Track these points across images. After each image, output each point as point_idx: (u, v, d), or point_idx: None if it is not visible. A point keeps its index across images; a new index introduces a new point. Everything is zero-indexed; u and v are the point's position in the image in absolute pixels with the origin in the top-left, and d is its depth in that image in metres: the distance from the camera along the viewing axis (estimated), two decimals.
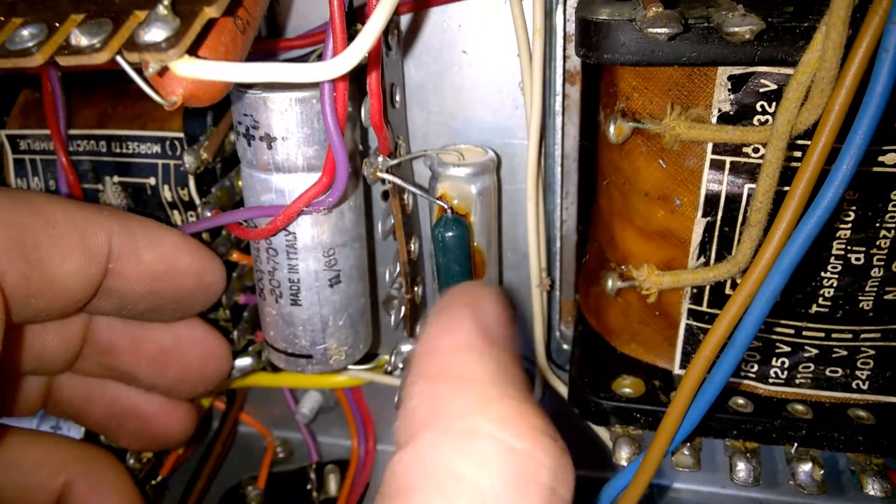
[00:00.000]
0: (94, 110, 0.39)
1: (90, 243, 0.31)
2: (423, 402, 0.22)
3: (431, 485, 0.20)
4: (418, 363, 0.23)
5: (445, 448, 0.20)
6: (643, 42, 0.28)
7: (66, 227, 0.30)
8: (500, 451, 0.20)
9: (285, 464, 0.54)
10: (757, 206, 0.29)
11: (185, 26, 0.21)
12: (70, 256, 0.30)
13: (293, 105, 0.31)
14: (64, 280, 0.30)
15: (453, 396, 0.21)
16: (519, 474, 0.20)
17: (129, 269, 0.32)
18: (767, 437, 0.35)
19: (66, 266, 0.30)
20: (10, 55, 0.23)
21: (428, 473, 0.20)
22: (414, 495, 0.20)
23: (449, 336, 0.24)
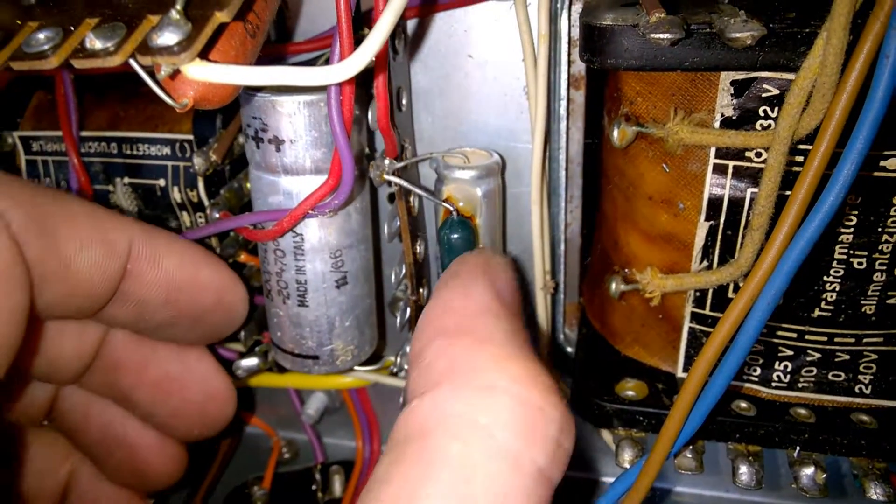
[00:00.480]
0: (106, 113, 0.39)
1: (109, 239, 0.30)
2: (440, 358, 0.23)
3: (449, 430, 0.21)
4: (434, 321, 0.25)
5: (463, 399, 0.22)
6: (646, 47, 0.28)
7: (86, 220, 0.30)
8: (513, 405, 0.21)
9: (291, 464, 0.54)
10: (759, 210, 0.29)
11: (196, 30, 0.22)
12: (88, 247, 0.30)
13: (301, 108, 0.31)
14: (80, 270, 0.29)
15: (471, 354, 0.23)
16: (529, 426, 0.21)
17: (148, 274, 0.32)
18: (770, 441, 0.35)
19: (83, 256, 0.29)
20: (26, 57, 0.23)
21: (446, 420, 0.21)
22: (431, 438, 0.21)
23: (465, 298, 0.25)
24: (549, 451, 0.22)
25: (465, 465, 0.21)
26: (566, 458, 0.23)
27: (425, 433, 0.22)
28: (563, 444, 0.22)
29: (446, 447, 0.21)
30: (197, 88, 0.24)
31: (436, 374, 0.23)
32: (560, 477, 0.22)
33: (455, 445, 0.21)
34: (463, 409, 0.22)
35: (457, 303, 0.25)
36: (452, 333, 0.24)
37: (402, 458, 0.21)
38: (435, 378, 0.23)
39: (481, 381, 0.22)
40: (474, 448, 0.21)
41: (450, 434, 0.21)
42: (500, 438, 0.21)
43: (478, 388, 0.22)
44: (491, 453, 0.21)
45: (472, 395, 0.22)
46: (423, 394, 0.23)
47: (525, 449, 0.21)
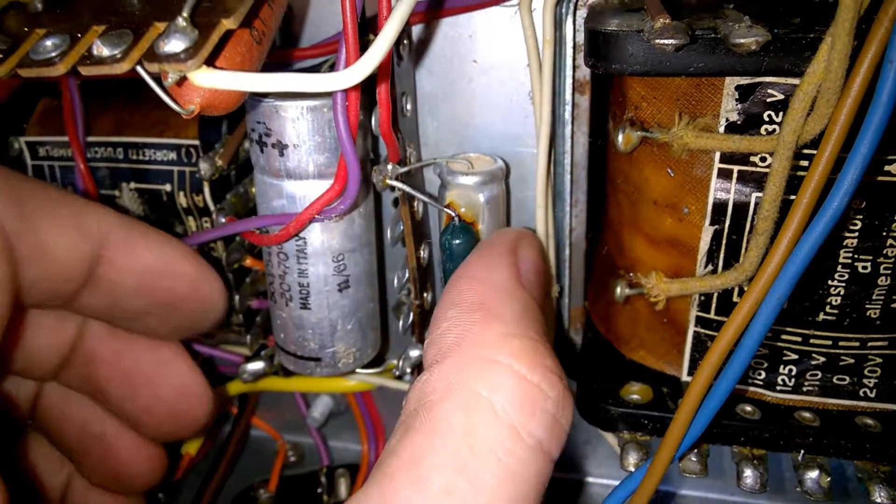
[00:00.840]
0: (112, 118, 0.40)
1: (84, 223, 0.31)
2: (452, 329, 0.25)
3: (453, 400, 0.23)
4: (456, 290, 0.26)
5: (467, 372, 0.23)
6: (651, 53, 0.28)
7: (62, 205, 0.30)
8: (513, 379, 0.23)
9: (296, 467, 0.54)
10: (764, 215, 0.29)
11: (203, 38, 0.22)
12: (65, 231, 0.30)
13: (305, 113, 0.31)
14: (56, 253, 0.29)
15: (480, 329, 0.24)
16: (528, 400, 0.23)
17: (122, 260, 0.32)
18: (775, 444, 0.35)
19: (60, 240, 0.29)
20: (33, 65, 0.23)
21: (451, 391, 0.23)
22: (437, 407, 0.23)
23: (487, 273, 0.27)
24: (546, 424, 0.23)
25: (467, 434, 0.22)
26: (563, 435, 0.24)
27: (432, 404, 0.23)
28: (559, 420, 0.24)
29: (450, 417, 0.23)
30: (203, 95, 0.24)
31: (445, 345, 0.25)
32: (558, 453, 0.24)
33: (458, 415, 0.22)
34: (466, 380, 0.23)
35: (479, 276, 0.27)
36: (467, 306, 0.25)
37: (411, 428, 0.23)
38: (444, 349, 0.24)
39: (485, 355, 0.24)
40: (476, 418, 0.22)
41: (454, 405, 0.23)
42: (500, 410, 0.23)
43: (481, 361, 0.23)
44: (492, 423, 0.22)
45: (476, 368, 0.23)
46: (431, 365, 0.24)
47: (524, 421, 0.23)
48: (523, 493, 0.22)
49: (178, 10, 0.22)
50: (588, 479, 0.50)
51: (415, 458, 0.22)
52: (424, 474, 0.22)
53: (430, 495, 0.21)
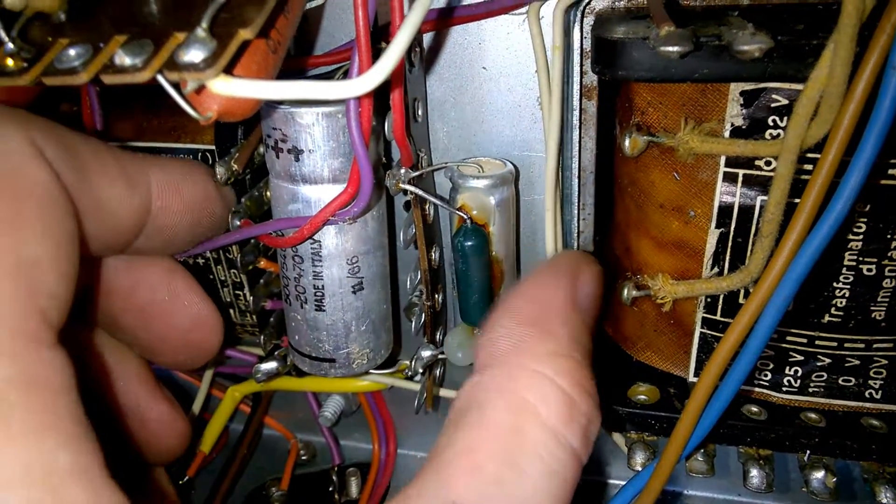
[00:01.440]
0: (130, 124, 0.40)
1: (132, 176, 0.31)
2: (507, 337, 0.27)
3: (504, 402, 0.25)
4: (516, 302, 0.28)
5: (517, 379, 0.26)
6: (656, 60, 0.29)
7: (110, 157, 0.30)
8: (556, 392, 0.26)
9: (308, 466, 0.55)
10: (769, 218, 0.30)
11: (221, 47, 0.23)
12: (116, 184, 0.30)
13: (319, 120, 0.32)
14: (111, 206, 0.30)
15: (532, 343, 0.27)
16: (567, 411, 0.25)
17: (170, 205, 0.33)
18: (781, 445, 0.36)
19: (113, 192, 0.30)
20: (57, 73, 0.24)
21: (501, 394, 0.26)
22: (489, 406, 0.25)
23: (548, 292, 0.29)
24: (579, 434, 0.25)
25: (515, 432, 0.24)
26: (590, 446, 0.26)
27: (484, 404, 0.25)
28: (588, 434, 0.26)
29: (501, 416, 0.25)
30: (221, 102, 0.25)
31: (500, 351, 0.27)
32: (586, 460, 0.26)
33: (508, 416, 0.25)
34: (516, 387, 0.25)
35: (540, 294, 0.29)
36: (525, 321, 0.27)
37: (464, 423, 0.25)
38: (498, 355, 0.27)
39: (534, 367, 0.26)
40: (523, 419, 0.25)
41: (504, 406, 0.25)
42: (544, 416, 0.25)
43: (530, 372, 0.26)
44: (537, 427, 0.25)
45: (525, 377, 0.26)
46: (483, 368, 0.27)
47: (562, 428, 0.25)
48: (560, 491, 0.25)
49: (198, 20, 0.23)
50: (595, 478, 0.50)
51: (470, 448, 0.24)
52: (479, 463, 0.24)
53: (485, 482, 0.24)
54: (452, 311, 0.43)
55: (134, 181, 0.31)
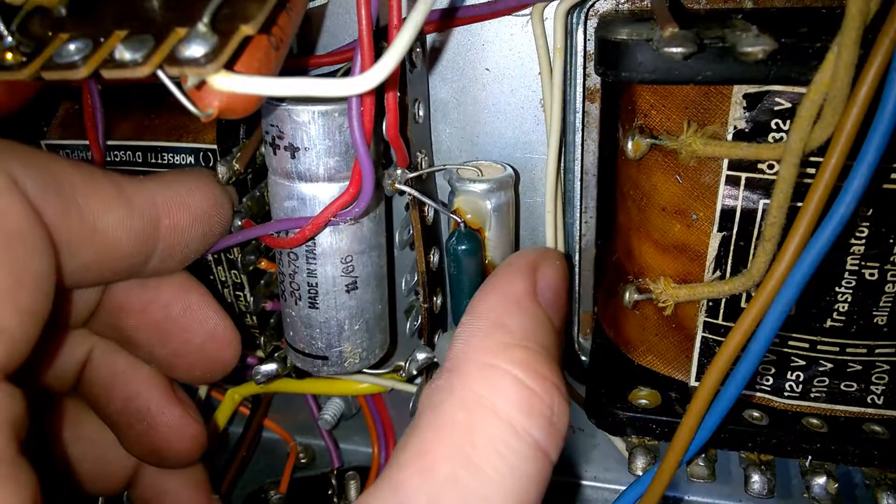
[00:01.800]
0: (132, 122, 0.40)
1: (131, 198, 0.30)
2: (460, 337, 0.27)
3: (456, 400, 0.25)
4: (472, 304, 0.28)
5: (470, 376, 0.25)
6: (659, 61, 0.29)
7: (105, 181, 0.30)
8: (513, 384, 0.25)
9: (307, 469, 0.55)
10: (771, 221, 0.29)
11: (222, 43, 0.23)
12: (112, 209, 0.29)
13: (316, 118, 0.32)
14: (107, 231, 0.29)
15: (485, 338, 0.26)
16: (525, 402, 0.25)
17: (183, 220, 0.33)
18: (782, 450, 0.35)
19: (109, 217, 0.29)
20: (57, 68, 0.24)
21: (454, 393, 0.25)
22: (441, 406, 0.25)
23: (502, 287, 0.29)
24: (542, 425, 0.25)
25: (469, 430, 0.24)
26: (559, 439, 0.26)
27: (437, 405, 0.25)
28: (555, 424, 0.25)
29: (453, 415, 0.24)
30: (222, 99, 0.25)
31: (455, 351, 0.26)
32: (555, 455, 0.25)
33: (460, 413, 0.24)
34: (467, 383, 0.25)
35: (494, 288, 0.29)
36: (478, 316, 0.27)
37: (417, 426, 0.25)
38: (452, 356, 0.26)
39: (486, 361, 0.25)
40: (477, 416, 0.24)
41: (456, 404, 0.25)
42: (499, 409, 0.24)
43: (483, 366, 0.25)
44: (492, 421, 0.24)
45: (477, 372, 0.25)
46: (440, 373, 0.26)
47: (521, 420, 0.24)
48: (522, 488, 0.24)
49: (199, 16, 0.23)
50: (596, 483, 0.50)
51: (422, 451, 0.24)
52: (430, 465, 0.23)
53: (436, 484, 0.23)
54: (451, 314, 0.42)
55: (134, 205, 0.31)
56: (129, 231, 0.30)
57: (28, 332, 0.25)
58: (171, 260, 0.33)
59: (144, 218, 0.31)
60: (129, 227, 0.30)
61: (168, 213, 0.32)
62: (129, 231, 0.30)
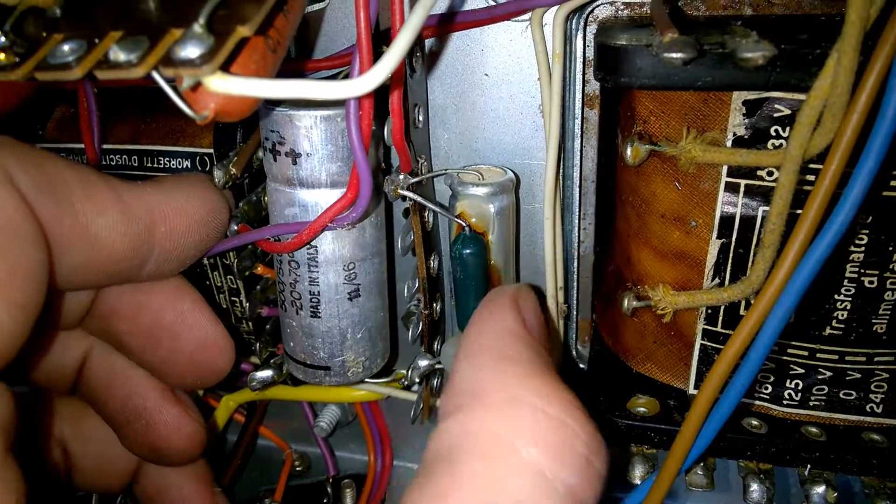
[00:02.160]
0: (128, 126, 0.40)
1: (128, 202, 0.30)
2: (466, 378, 0.23)
3: (473, 447, 0.21)
4: (464, 347, 0.25)
5: (486, 415, 0.21)
6: (659, 66, 0.29)
7: (101, 184, 0.29)
8: (536, 417, 0.21)
9: (302, 477, 0.55)
10: (770, 228, 0.29)
11: (218, 44, 0.22)
12: (105, 212, 0.29)
13: (318, 123, 0.32)
14: (100, 234, 0.29)
15: (495, 372, 0.23)
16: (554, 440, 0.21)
17: (180, 225, 0.32)
18: (781, 459, 0.35)
19: (103, 220, 0.29)
20: (51, 68, 0.24)
21: (468, 437, 0.21)
22: (456, 456, 0.21)
23: (492, 322, 0.26)
24: (577, 467, 0.21)
25: (490, 482, 0.20)
26: (598, 479, 0.22)
27: (451, 452, 0.21)
28: (592, 462, 0.21)
29: (471, 465, 0.21)
30: (218, 101, 0.24)
31: (462, 394, 0.23)
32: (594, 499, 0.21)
33: (479, 463, 0.21)
34: (485, 424, 0.22)
35: (486, 326, 0.26)
36: (478, 354, 0.24)
37: (431, 477, 0.21)
38: (461, 399, 0.23)
39: (504, 396, 0.22)
40: (498, 464, 0.21)
41: (474, 452, 0.21)
42: (524, 453, 0.21)
43: (500, 402, 0.22)
44: (515, 469, 0.20)
45: (495, 409, 0.22)
46: (448, 415, 0.23)
47: (551, 464, 0.21)
48: None
49: (195, 17, 0.23)
50: None
51: None
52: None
53: None
54: (451, 320, 0.42)
55: (130, 209, 0.30)
56: (124, 235, 0.30)
57: (18, 327, 0.24)
58: (167, 265, 0.33)
59: (140, 223, 0.31)
60: (123, 231, 0.30)
61: (164, 219, 0.32)
62: (124, 235, 0.30)
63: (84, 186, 0.29)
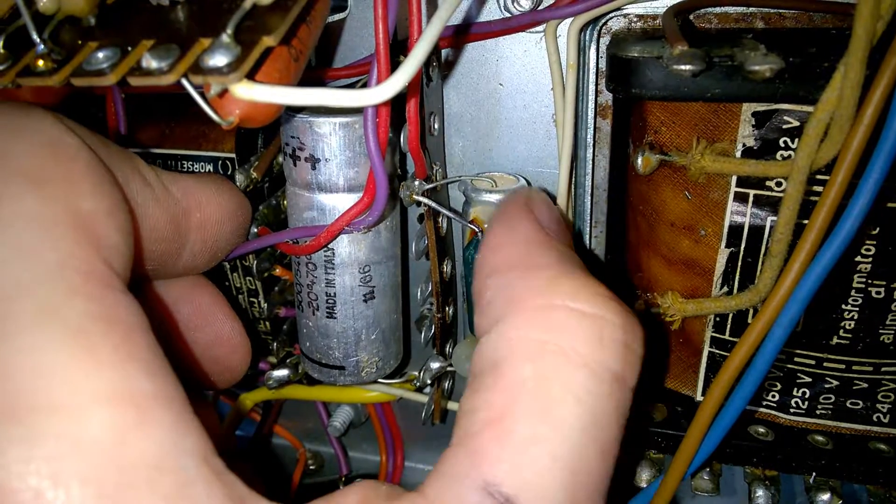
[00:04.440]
0: (153, 130, 0.41)
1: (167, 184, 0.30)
2: (498, 292, 0.24)
3: (518, 355, 0.22)
4: (486, 260, 0.26)
5: (525, 323, 0.23)
6: (669, 78, 0.29)
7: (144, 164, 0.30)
8: (573, 317, 0.22)
9: (315, 475, 0.55)
10: (778, 238, 0.30)
11: (244, 53, 0.23)
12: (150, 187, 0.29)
13: (337, 129, 0.33)
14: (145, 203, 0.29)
15: (524, 282, 0.24)
16: (594, 334, 0.22)
17: (213, 214, 0.33)
18: (787, 466, 0.36)
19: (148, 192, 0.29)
20: (85, 74, 0.25)
21: (513, 347, 0.22)
22: (503, 366, 0.22)
23: (511, 232, 0.26)
24: (618, 354, 0.22)
25: (540, 383, 0.22)
26: (638, 361, 0.23)
27: (497, 363, 0.22)
28: (630, 345, 0.23)
29: (520, 370, 0.22)
30: (243, 107, 0.25)
31: (497, 309, 0.24)
32: (635, 380, 0.23)
33: (527, 367, 0.22)
34: (526, 331, 0.22)
35: (504, 239, 0.26)
36: (504, 268, 0.25)
37: (482, 386, 0.22)
38: (497, 314, 0.24)
39: (539, 303, 0.23)
40: (545, 364, 0.22)
41: (520, 358, 0.22)
42: (568, 350, 0.22)
43: (536, 308, 0.23)
44: (562, 365, 0.22)
45: (532, 317, 0.23)
46: (487, 331, 0.24)
47: (594, 354, 0.22)
48: (607, 430, 0.22)
49: (223, 27, 0.24)
50: None
51: (495, 415, 0.22)
52: (507, 429, 0.21)
53: (517, 447, 0.21)
54: (463, 324, 0.43)
55: (168, 189, 0.31)
56: (166, 212, 0.30)
57: (130, 250, 0.25)
58: (201, 256, 0.33)
59: (178, 205, 0.31)
60: (165, 209, 0.30)
61: (199, 206, 0.32)
62: (166, 212, 0.30)
63: (130, 160, 0.29)
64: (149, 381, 0.21)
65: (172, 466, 0.20)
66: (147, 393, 0.20)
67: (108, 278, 0.22)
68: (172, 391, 0.21)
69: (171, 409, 0.21)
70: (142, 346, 0.22)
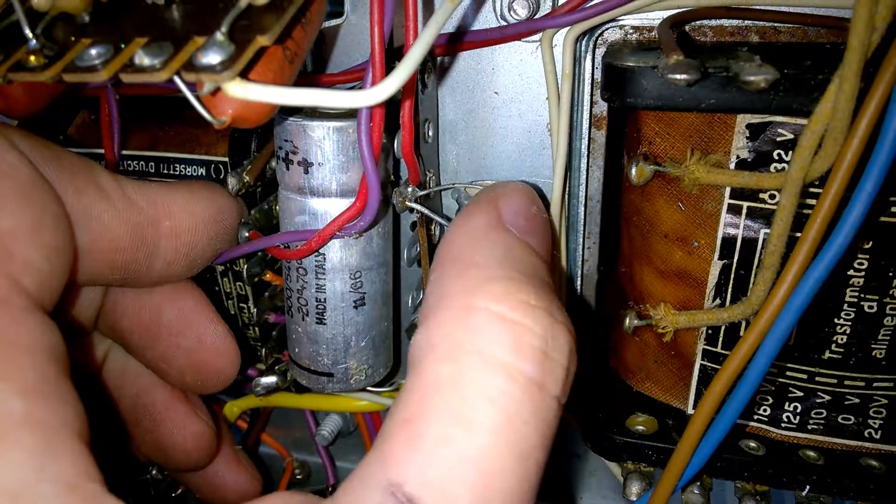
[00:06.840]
0: (146, 134, 0.41)
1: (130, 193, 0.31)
2: (433, 289, 0.25)
3: (437, 355, 0.23)
4: (437, 252, 0.26)
5: (448, 323, 0.23)
6: (664, 88, 0.29)
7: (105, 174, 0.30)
8: (494, 320, 0.22)
9: (302, 486, 0.55)
10: (771, 250, 0.30)
11: (238, 52, 0.23)
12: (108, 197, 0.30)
13: (330, 133, 0.32)
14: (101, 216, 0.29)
15: (457, 279, 0.24)
16: (512, 339, 0.22)
17: (185, 222, 0.33)
18: (778, 481, 0.35)
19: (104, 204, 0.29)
20: (78, 70, 0.25)
21: (433, 345, 0.23)
22: (422, 363, 0.23)
23: (462, 227, 0.26)
24: (536, 360, 0.22)
25: (456, 383, 0.22)
26: (560, 370, 0.23)
27: (418, 361, 0.23)
28: (549, 354, 0.23)
29: (437, 371, 0.22)
30: (235, 107, 0.25)
31: (428, 306, 0.24)
32: (559, 389, 0.23)
33: (444, 367, 0.22)
34: (447, 332, 0.23)
35: (456, 231, 0.27)
36: (446, 262, 0.25)
37: (405, 388, 0.23)
38: (427, 310, 0.24)
39: (462, 304, 0.23)
40: (461, 365, 0.22)
41: (439, 358, 0.22)
42: (485, 352, 0.22)
43: (459, 310, 0.23)
44: (477, 367, 0.22)
45: (455, 318, 0.23)
46: (419, 326, 0.24)
47: (511, 360, 0.22)
48: (523, 434, 0.22)
49: (217, 25, 0.24)
50: None
51: (408, 416, 0.22)
52: (418, 431, 0.21)
53: (427, 449, 0.21)
54: None
55: (132, 198, 0.31)
56: (126, 222, 0.30)
57: (56, 268, 0.25)
58: (176, 265, 0.34)
59: (142, 214, 0.31)
60: (125, 219, 0.30)
61: (169, 215, 0.32)
62: (126, 222, 0.30)
63: (87, 172, 0.29)
64: (20, 403, 0.20)
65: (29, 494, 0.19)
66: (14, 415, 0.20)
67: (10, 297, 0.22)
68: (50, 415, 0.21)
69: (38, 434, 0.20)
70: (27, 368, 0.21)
